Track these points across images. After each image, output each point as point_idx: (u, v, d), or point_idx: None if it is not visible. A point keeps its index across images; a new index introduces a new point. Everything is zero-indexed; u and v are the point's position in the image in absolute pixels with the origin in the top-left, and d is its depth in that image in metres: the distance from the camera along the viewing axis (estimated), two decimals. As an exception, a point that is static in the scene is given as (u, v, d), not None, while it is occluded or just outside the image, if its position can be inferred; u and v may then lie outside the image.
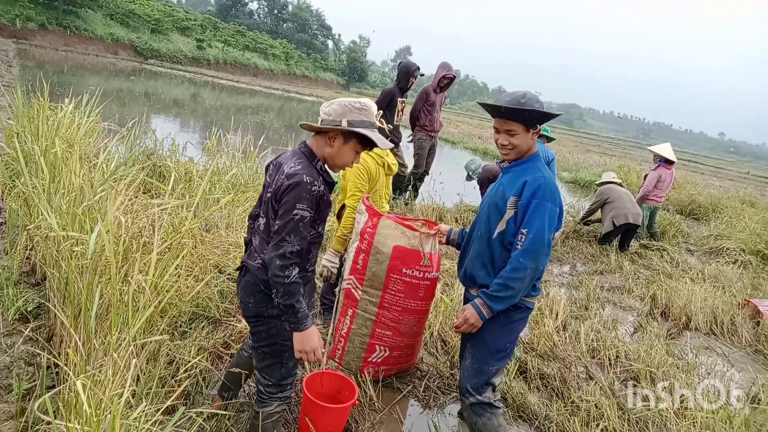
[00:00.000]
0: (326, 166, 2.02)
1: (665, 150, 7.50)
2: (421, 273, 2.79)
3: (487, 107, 2.38)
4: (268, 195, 1.95)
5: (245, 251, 2.15)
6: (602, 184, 7.26)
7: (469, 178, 6.39)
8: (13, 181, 3.69)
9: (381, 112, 6.29)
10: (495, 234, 2.32)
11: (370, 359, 2.91)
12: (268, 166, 2.11)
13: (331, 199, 2.12)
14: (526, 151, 2.33)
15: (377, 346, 2.89)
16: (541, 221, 2.15)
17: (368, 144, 2.02)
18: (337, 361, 2.97)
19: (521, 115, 2.22)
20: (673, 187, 10.55)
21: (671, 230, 8.47)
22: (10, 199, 3.69)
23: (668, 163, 7.42)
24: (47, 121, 4.48)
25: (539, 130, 2.31)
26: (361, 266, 2.84)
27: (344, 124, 1.93)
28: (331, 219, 3.73)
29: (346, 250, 3.19)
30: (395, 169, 3.59)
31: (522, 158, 2.34)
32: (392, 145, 2.28)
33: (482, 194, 5.05)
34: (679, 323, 4.70)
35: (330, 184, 2.01)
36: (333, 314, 3.08)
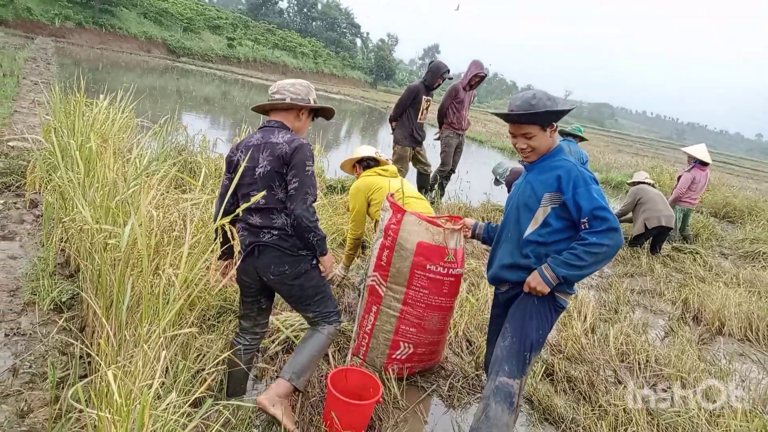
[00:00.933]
0: None
1: (699, 151, 7.30)
2: (446, 269, 2.77)
3: (501, 116, 2.37)
4: (264, 170, 2.24)
5: (242, 233, 2.33)
6: (634, 184, 7.10)
7: (497, 182, 6.33)
8: (50, 174, 3.79)
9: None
10: (527, 233, 2.29)
11: (394, 356, 2.91)
12: (235, 152, 2.36)
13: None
14: (548, 149, 2.30)
15: (401, 343, 2.88)
16: (599, 203, 2.10)
17: (319, 114, 2.53)
18: (362, 357, 2.97)
19: (534, 118, 2.20)
20: (708, 190, 10.28)
21: (705, 233, 8.25)
22: (46, 193, 3.79)
23: (703, 164, 7.22)
24: (83, 116, 4.60)
25: (556, 127, 2.26)
26: (385, 263, 2.83)
27: (312, 101, 2.43)
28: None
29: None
30: (388, 166, 3.77)
31: (547, 154, 2.31)
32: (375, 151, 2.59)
33: None
34: (711, 328, 4.57)
35: None
36: (357, 311, 3.09)
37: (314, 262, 2.39)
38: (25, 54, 16.27)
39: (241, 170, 2.21)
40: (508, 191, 5.17)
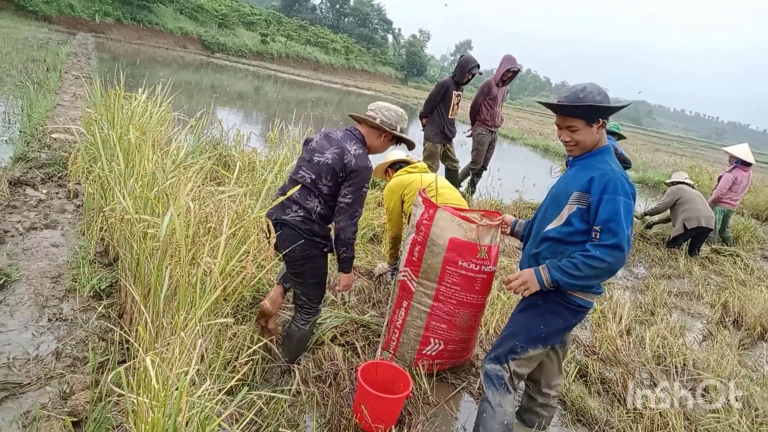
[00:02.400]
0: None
1: (742, 151, 7.05)
2: (478, 266, 2.73)
3: (546, 105, 2.32)
4: (325, 160, 2.49)
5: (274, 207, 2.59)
6: (672, 183, 6.90)
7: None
8: (90, 166, 3.89)
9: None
10: (548, 228, 2.25)
11: (424, 352, 2.90)
12: (310, 139, 2.67)
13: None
14: (593, 146, 2.23)
15: (432, 339, 2.87)
16: (617, 217, 2.04)
17: (398, 143, 2.75)
18: (392, 352, 2.97)
19: (580, 111, 2.14)
20: (750, 191, 9.93)
21: (745, 235, 7.98)
22: (87, 183, 3.90)
23: (745, 164, 6.98)
24: (122, 109, 4.71)
25: (603, 123, 2.19)
26: (416, 258, 2.81)
27: (398, 130, 2.63)
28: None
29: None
30: (417, 163, 3.78)
31: (591, 151, 2.24)
32: (407, 153, 2.85)
33: None
34: (753, 333, 4.42)
35: None
36: (388, 306, 3.09)
37: (325, 250, 2.61)
38: (67, 49, 16.76)
39: (309, 146, 2.60)
40: None
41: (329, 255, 2.69)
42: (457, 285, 2.76)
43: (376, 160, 3.06)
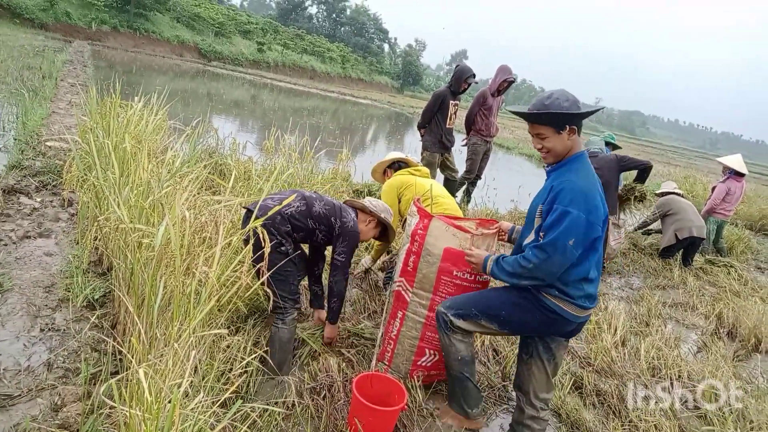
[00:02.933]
0: None
1: (735, 161, 7.10)
2: (473, 276, 2.72)
3: (515, 114, 2.38)
4: (321, 209, 2.85)
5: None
6: (663, 194, 6.93)
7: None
8: (85, 174, 3.88)
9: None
10: (525, 242, 2.30)
11: (420, 363, 2.88)
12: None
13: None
14: (565, 153, 2.25)
15: (427, 350, 2.85)
16: (557, 227, 2.08)
17: (382, 236, 3.24)
18: (387, 363, 2.96)
19: (545, 118, 2.18)
20: (743, 201, 9.98)
21: (739, 246, 8.02)
22: (82, 192, 3.88)
23: (738, 175, 7.02)
24: (118, 118, 4.70)
25: (573, 130, 2.19)
26: (411, 268, 2.81)
27: (381, 215, 3.03)
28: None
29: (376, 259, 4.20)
30: (421, 167, 3.82)
31: (562, 161, 2.26)
32: (405, 155, 3.13)
33: None
34: (747, 345, 4.42)
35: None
36: (383, 317, 3.08)
37: (281, 248, 2.71)
38: (63, 57, 16.76)
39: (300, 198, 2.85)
40: None
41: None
42: (452, 295, 2.75)
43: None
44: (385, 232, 3.19)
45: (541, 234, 2.16)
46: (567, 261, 2.11)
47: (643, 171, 5.86)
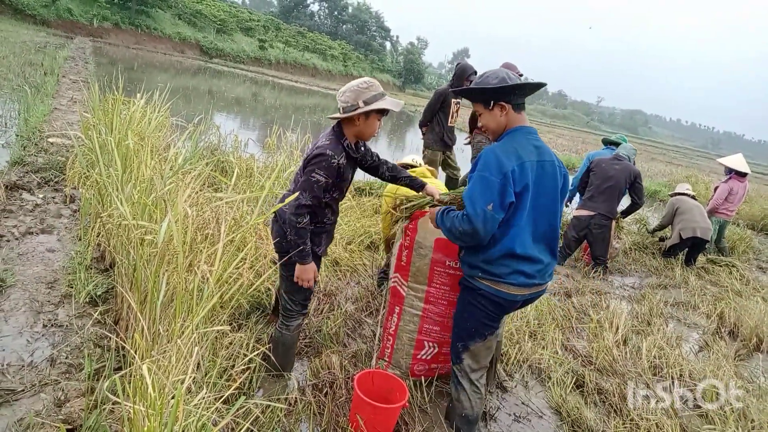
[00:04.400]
0: (354, 143, 2.48)
1: (737, 162, 7.08)
2: None
3: (456, 92, 2.48)
4: (304, 157, 2.44)
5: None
6: (675, 195, 6.93)
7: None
8: (88, 171, 3.88)
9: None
10: None
11: (419, 356, 2.89)
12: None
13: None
14: (499, 129, 2.29)
15: (426, 343, 2.86)
16: (472, 190, 2.15)
17: (385, 111, 2.44)
18: (387, 360, 2.96)
19: (473, 95, 2.28)
20: (745, 201, 9.98)
21: (741, 246, 8.01)
22: (84, 189, 3.89)
23: (740, 175, 7.01)
24: (120, 114, 4.70)
25: (502, 107, 2.22)
26: (405, 263, 2.83)
27: (361, 104, 2.35)
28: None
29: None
30: (417, 168, 3.77)
31: (499, 138, 2.30)
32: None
33: None
34: (749, 344, 4.42)
35: (354, 159, 2.52)
36: (381, 315, 3.09)
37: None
38: (65, 53, 16.76)
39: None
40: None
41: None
42: (446, 285, 2.78)
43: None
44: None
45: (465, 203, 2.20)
46: (489, 226, 2.12)
47: (633, 206, 5.89)
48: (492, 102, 2.22)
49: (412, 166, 3.85)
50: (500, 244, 2.19)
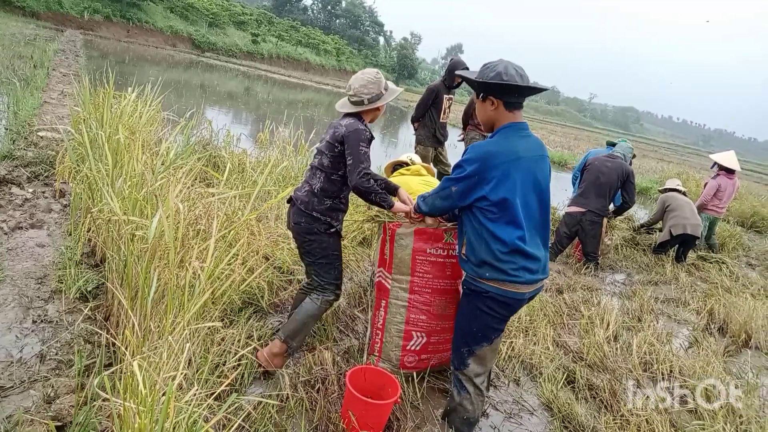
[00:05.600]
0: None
1: (726, 158, 7.12)
2: (446, 251, 2.78)
3: (460, 77, 2.70)
4: (326, 140, 2.65)
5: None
6: (665, 191, 6.96)
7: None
8: (78, 165, 3.85)
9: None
10: None
11: (408, 347, 2.89)
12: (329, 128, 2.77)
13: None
14: (490, 124, 2.34)
15: (414, 333, 2.87)
16: (454, 176, 2.32)
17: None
18: (377, 355, 2.96)
19: (471, 85, 2.35)
20: (735, 198, 10.05)
21: (731, 242, 8.08)
22: (74, 183, 3.85)
23: (729, 172, 7.05)
24: (111, 108, 4.66)
25: (493, 102, 2.25)
26: (387, 256, 2.86)
27: (384, 92, 2.67)
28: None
29: None
30: (411, 166, 3.77)
31: (492, 134, 2.34)
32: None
33: None
34: (738, 340, 4.46)
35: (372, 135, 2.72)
36: (370, 312, 3.09)
37: (331, 230, 2.68)
38: (55, 46, 16.58)
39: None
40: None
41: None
42: (429, 273, 2.80)
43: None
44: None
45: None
46: (444, 200, 2.41)
47: (624, 205, 5.89)
48: (482, 95, 2.26)
49: (407, 164, 3.85)
50: (505, 239, 2.21)
